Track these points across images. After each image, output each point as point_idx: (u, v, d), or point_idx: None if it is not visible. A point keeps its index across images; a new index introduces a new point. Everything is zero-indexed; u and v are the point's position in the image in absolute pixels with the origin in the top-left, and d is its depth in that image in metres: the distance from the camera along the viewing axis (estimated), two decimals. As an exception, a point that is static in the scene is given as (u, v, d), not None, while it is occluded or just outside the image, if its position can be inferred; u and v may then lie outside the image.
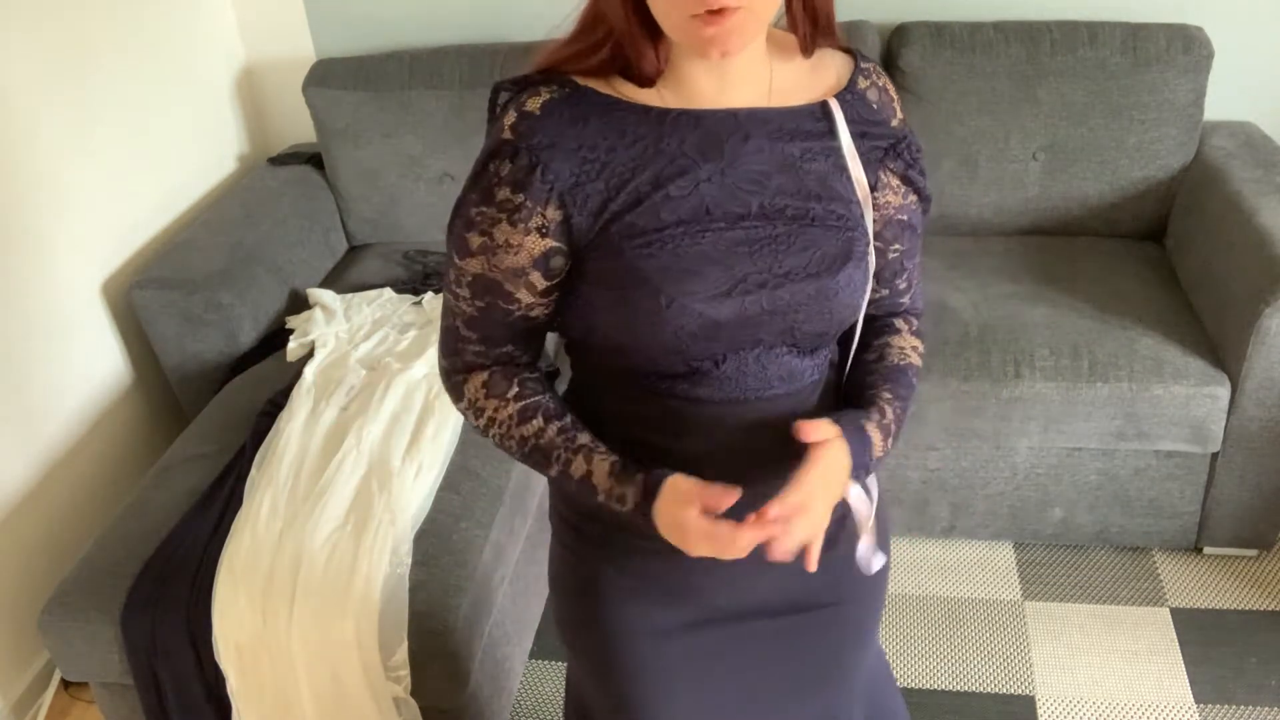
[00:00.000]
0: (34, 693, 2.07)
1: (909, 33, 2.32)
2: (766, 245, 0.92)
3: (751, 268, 0.91)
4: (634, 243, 0.91)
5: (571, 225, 0.92)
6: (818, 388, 1.01)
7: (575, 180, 0.91)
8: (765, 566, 0.93)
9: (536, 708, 1.97)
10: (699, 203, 0.91)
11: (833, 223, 0.94)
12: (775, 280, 0.92)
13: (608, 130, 0.91)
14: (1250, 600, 2.07)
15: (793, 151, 0.94)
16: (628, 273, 0.91)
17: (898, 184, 0.99)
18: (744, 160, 0.92)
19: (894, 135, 0.99)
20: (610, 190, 0.91)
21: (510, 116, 0.92)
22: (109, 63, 2.25)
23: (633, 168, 0.91)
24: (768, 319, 0.93)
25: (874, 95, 0.99)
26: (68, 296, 2.15)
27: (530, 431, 0.99)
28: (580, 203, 0.91)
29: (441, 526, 1.71)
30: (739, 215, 0.91)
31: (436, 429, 1.86)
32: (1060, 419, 1.98)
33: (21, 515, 2.03)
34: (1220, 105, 2.36)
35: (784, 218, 0.92)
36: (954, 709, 1.90)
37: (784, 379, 0.97)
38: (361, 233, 2.67)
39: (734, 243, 0.91)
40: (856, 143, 0.96)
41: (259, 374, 2.12)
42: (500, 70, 2.42)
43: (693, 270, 0.90)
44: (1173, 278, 2.22)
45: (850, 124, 0.96)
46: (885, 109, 0.99)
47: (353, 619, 1.56)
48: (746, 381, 0.96)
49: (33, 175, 2.04)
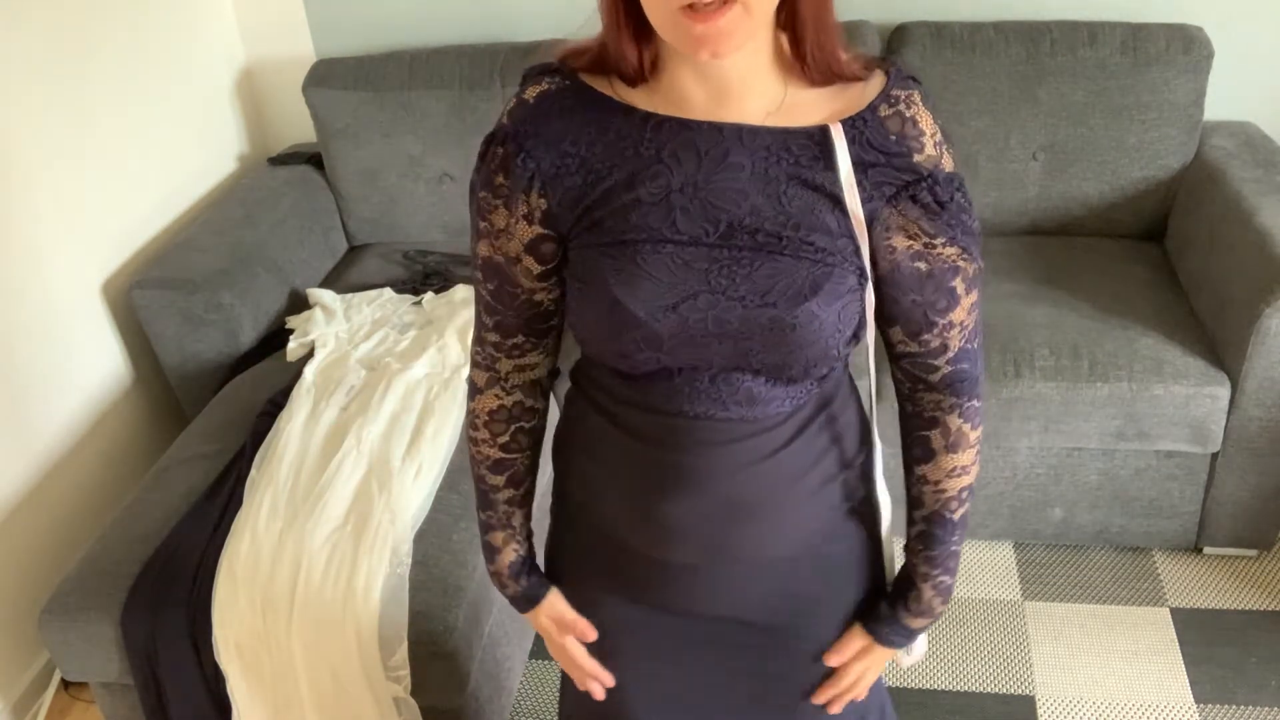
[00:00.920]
0: (34, 693, 2.07)
1: (909, 33, 2.32)
2: (725, 267, 0.89)
3: (702, 287, 0.89)
4: (599, 241, 0.91)
5: (554, 215, 0.93)
6: (791, 419, 0.97)
7: (555, 171, 0.92)
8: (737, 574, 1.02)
9: (536, 708, 1.97)
10: (667, 212, 0.89)
11: (806, 254, 0.88)
12: (726, 303, 0.88)
13: (592, 126, 0.91)
14: (1250, 600, 2.07)
15: (778, 174, 0.89)
16: (590, 269, 0.92)
17: (913, 229, 0.90)
18: (721, 175, 0.89)
19: (913, 172, 0.89)
20: (587, 185, 0.91)
21: (511, 103, 0.94)
22: (109, 63, 2.25)
23: (610, 166, 0.91)
24: (715, 341, 0.90)
25: (895, 125, 0.89)
26: (68, 297, 2.15)
27: (490, 482, 1.11)
28: (560, 194, 0.92)
29: (441, 526, 1.71)
30: (704, 231, 0.89)
31: (436, 429, 1.86)
32: (1060, 419, 1.98)
33: (21, 515, 2.03)
34: (1220, 105, 2.36)
35: (751, 241, 0.88)
36: (954, 709, 1.90)
37: (742, 404, 0.94)
38: (361, 233, 2.67)
39: (692, 259, 0.89)
40: (860, 174, 0.88)
41: (259, 374, 2.12)
42: (500, 70, 2.43)
43: (643, 278, 0.89)
44: (1173, 278, 2.22)
45: (856, 152, 0.88)
46: (907, 141, 0.89)
47: (353, 619, 1.56)
48: (699, 399, 0.94)
49: (33, 175, 2.04)
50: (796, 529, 1.02)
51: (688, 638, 1.09)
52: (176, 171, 2.49)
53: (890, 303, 0.94)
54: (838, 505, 1.04)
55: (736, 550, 1.00)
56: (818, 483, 1.01)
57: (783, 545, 1.02)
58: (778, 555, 1.02)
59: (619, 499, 1.03)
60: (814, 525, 1.03)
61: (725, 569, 1.02)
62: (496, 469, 1.09)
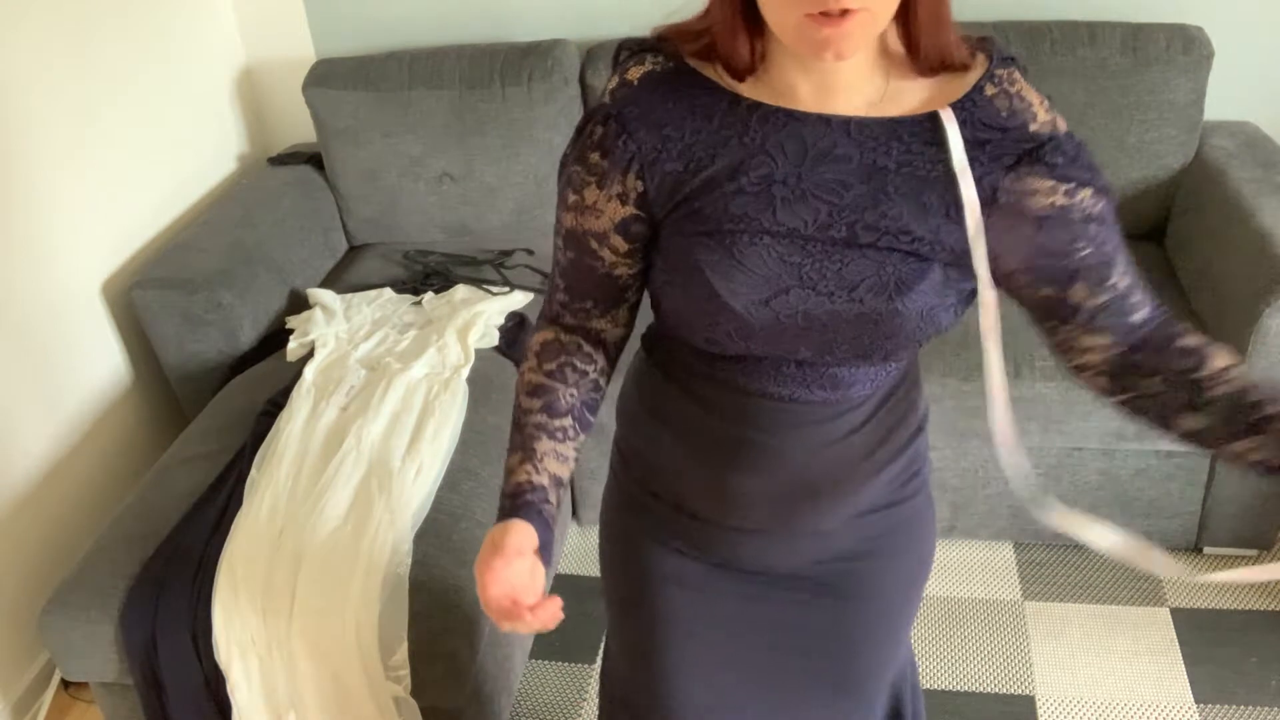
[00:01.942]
0: (34, 693, 2.07)
1: (909, 33, 2.31)
2: (817, 261, 0.90)
3: (794, 281, 0.90)
4: (697, 229, 0.91)
5: (649, 198, 0.93)
6: (869, 400, 1.01)
7: (656, 155, 0.92)
8: (799, 538, 1.02)
9: (536, 708, 1.97)
10: (767, 202, 0.89)
11: (901, 245, 0.89)
12: (816, 299, 0.90)
13: (697, 112, 0.91)
14: (1250, 600, 2.07)
15: (887, 164, 0.89)
16: (684, 256, 0.92)
17: (1050, 184, 0.89)
18: (826, 167, 0.89)
19: (1033, 140, 0.90)
20: (687, 172, 0.91)
21: (614, 81, 0.95)
22: (109, 63, 2.25)
23: (712, 154, 0.91)
24: (804, 334, 0.92)
25: (1003, 103, 0.90)
26: (68, 297, 2.15)
27: (524, 406, 1.03)
28: (659, 179, 0.92)
29: (441, 526, 1.71)
30: (803, 223, 0.89)
31: (436, 429, 1.86)
32: (1060, 419, 1.98)
33: (21, 515, 2.03)
34: (1220, 105, 2.36)
35: (848, 234, 0.89)
36: (954, 709, 1.90)
37: (826, 388, 0.97)
38: (361, 233, 2.67)
39: (786, 252, 0.90)
40: (974, 152, 0.89)
41: (259, 374, 2.12)
42: (500, 70, 2.43)
43: (739, 270, 0.90)
44: (1173, 278, 2.22)
45: (969, 132, 0.89)
46: (1020, 114, 0.90)
47: (353, 619, 1.56)
48: (785, 381, 0.97)
49: (33, 175, 2.04)
50: (862, 501, 1.05)
51: (741, 593, 1.10)
52: (176, 171, 2.49)
53: (1058, 266, 0.92)
54: (901, 474, 1.07)
55: (801, 523, 1.04)
56: (886, 459, 1.04)
57: (847, 516, 1.05)
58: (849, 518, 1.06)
59: (686, 466, 1.04)
60: (879, 496, 1.06)
61: (787, 535, 1.05)
62: (534, 394, 1.03)
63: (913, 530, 1.12)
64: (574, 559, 2.30)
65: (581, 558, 2.30)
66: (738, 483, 1.01)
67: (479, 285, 2.35)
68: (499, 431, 1.92)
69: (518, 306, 2.30)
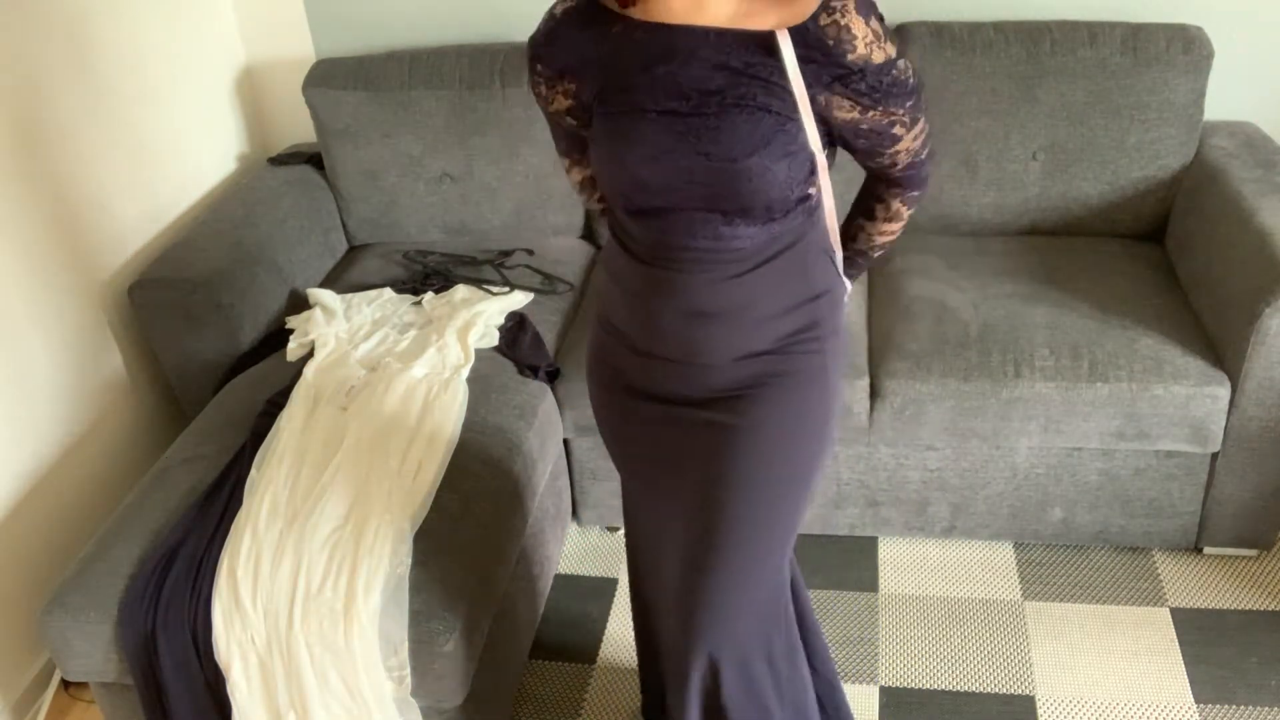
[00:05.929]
0: (34, 693, 2.07)
1: (909, 33, 2.32)
2: (695, 130, 1.18)
3: (677, 145, 1.19)
4: (608, 112, 1.23)
5: (578, 95, 1.27)
6: (753, 255, 1.26)
7: (577, 66, 1.25)
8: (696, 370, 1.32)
9: (536, 708, 1.97)
10: (653, 91, 1.20)
11: (763, 108, 1.16)
12: (694, 157, 1.18)
13: (602, 33, 1.23)
14: (1250, 600, 2.07)
15: (737, 64, 1.17)
16: (600, 132, 1.25)
17: (850, 104, 1.19)
18: (695, 64, 1.18)
19: (845, 68, 1.16)
20: (600, 75, 1.24)
21: (545, 15, 1.28)
22: (109, 62, 2.25)
23: (613, 61, 1.22)
24: (688, 187, 1.20)
25: (832, 32, 1.14)
26: (67, 296, 2.15)
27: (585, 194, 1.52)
28: (578, 84, 1.27)
29: (441, 526, 1.71)
30: (679, 104, 1.18)
31: (436, 429, 1.86)
32: (1060, 419, 1.98)
33: (21, 515, 2.03)
34: (1220, 105, 2.36)
35: (717, 106, 1.17)
36: (954, 709, 1.90)
37: (710, 238, 1.24)
38: (361, 233, 2.67)
39: (669, 124, 1.19)
40: (803, 66, 1.16)
41: (259, 374, 2.12)
42: (500, 70, 2.43)
43: (635, 140, 1.21)
44: (1173, 278, 2.22)
45: (802, 50, 1.15)
46: (842, 45, 1.15)
47: (353, 619, 1.56)
48: (680, 231, 1.25)
49: (33, 175, 2.04)
50: (753, 340, 1.30)
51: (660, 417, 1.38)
52: (176, 171, 2.49)
53: (849, 145, 1.28)
54: (796, 330, 1.31)
55: (704, 351, 1.31)
56: (779, 309, 1.29)
57: (741, 352, 1.30)
58: (737, 359, 1.31)
59: (625, 300, 1.35)
60: (770, 341, 1.30)
61: (688, 366, 1.33)
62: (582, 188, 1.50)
63: (799, 385, 1.33)
64: (574, 559, 2.30)
65: (581, 558, 2.30)
66: (656, 306, 1.30)
67: (479, 285, 2.35)
68: (499, 432, 1.92)
69: (518, 306, 2.30)
